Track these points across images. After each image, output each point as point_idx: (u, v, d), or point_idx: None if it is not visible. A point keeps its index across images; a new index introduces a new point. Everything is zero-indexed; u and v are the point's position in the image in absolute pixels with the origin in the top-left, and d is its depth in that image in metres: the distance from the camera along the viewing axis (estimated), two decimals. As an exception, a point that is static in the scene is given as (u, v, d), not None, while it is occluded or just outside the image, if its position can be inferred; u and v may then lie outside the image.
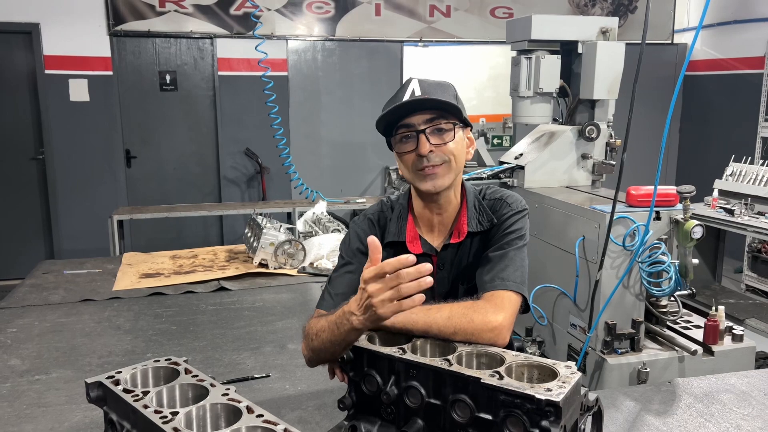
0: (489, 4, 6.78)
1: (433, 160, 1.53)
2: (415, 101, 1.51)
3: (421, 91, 1.52)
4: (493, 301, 1.44)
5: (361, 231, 1.65)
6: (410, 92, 1.52)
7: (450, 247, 1.61)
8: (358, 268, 1.52)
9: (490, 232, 1.61)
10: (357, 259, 1.60)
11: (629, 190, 2.88)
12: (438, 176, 1.54)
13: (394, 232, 1.64)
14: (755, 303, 4.42)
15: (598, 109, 3.57)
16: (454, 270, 1.62)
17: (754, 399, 1.80)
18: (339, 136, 6.64)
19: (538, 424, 1.13)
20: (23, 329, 2.39)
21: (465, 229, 1.61)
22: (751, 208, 4.41)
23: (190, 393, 1.21)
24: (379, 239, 1.44)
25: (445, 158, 1.54)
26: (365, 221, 1.68)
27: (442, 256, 1.62)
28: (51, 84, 5.87)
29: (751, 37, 6.21)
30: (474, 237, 1.62)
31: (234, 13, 6.17)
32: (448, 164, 1.55)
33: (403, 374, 1.30)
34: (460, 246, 1.62)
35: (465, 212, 1.63)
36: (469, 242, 1.62)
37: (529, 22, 3.43)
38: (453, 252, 1.62)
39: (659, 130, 5.51)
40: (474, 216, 1.62)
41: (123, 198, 6.14)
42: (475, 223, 1.61)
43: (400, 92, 1.55)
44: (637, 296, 2.84)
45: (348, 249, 1.64)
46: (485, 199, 1.65)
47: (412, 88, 1.53)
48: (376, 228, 1.67)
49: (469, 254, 1.62)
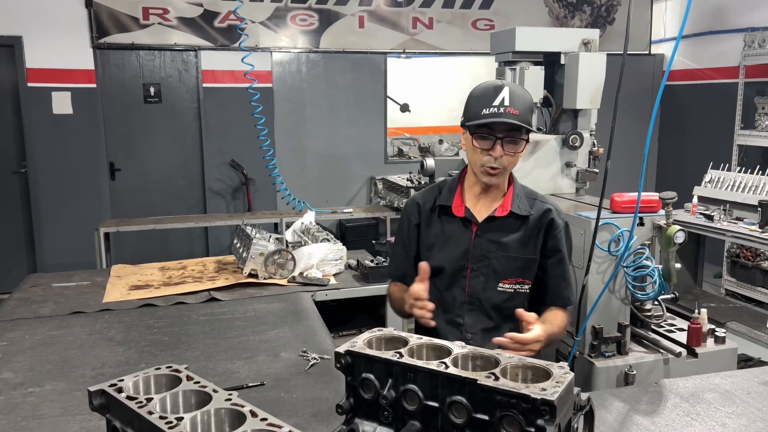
0: (471, 16, 6.88)
1: (500, 164, 1.87)
2: (506, 114, 1.81)
3: (509, 102, 1.82)
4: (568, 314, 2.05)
5: (409, 213, 2.10)
6: (500, 99, 1.82)
7: (493, 219, 1.96)
8: (407, 244, 2.09)
9: (538, 228, 1.97)
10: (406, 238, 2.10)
11: (613, 197, 2.94)
12: (497, 176, 1.91)
13: (444, 198, 2.02)
14: (735, 306, 4.53)
15: (581, 119, 3.64)
16: (491, 240, 1.96)
17: (738, 398, 1.86)
18: (324, 147, 6.67)
19: (534, 422, 1.16)
20: (14, 342, 2.38)
21: (509, 208, 1.96)
22: (730, 214, 4.53)
23: (193, 399, 1.23)
24: (430, 206, 2.05)
25: (508, 164, 1.89)
26: (413, 205, 2.10)
27: (482, 226, 1.96)
28: (34, 97, 5.83)
29: (725, 48, 6.37)
30: (516, 219, 1.96)
31: (218, 26, 6.19)
32: (506, 169, 1.91)
33: (401, 378, 1.33)
34: (502, 222, 1.96)
35: (511, 195, 1.98)
36: (510, 222, 1.96)
37: (513, 34, 3.50)
38: (494, 225, 1.96)
39: (638, 138, 5.66)
40: (517, 200, 1.97)
41: (107, 211, 6.10)
42: (517, 206, 1.96)
43: (491, 94, 1.84)
44: (622, 300, 2.90)
45: (399, 230, 2.15)
46: (531, 195, 2.03)
47: (503, 96, 1.83)
48: (420, 207, 2.07)
49: (507, 229, 1.96)
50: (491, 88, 1.86)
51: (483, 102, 1.84)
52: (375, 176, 6.64)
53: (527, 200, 2.00)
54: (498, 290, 1.98)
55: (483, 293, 1.98)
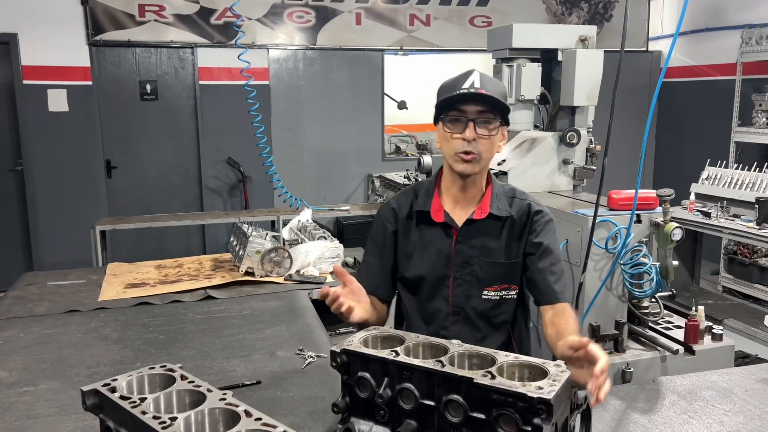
0: (468, 13, 6.87)
1: (474, 148, 1.76)
2: (476, 94, 1.72)
3: (480, 84, 1.73)
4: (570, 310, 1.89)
5: (381, 221, 1.98)
6: (470, 82, 1.74)
7: (472, 223, 1.85)
8: (383, 253, 1.98)
9: (521, 227, 1.87)
10: (382, 246, 1.98)
11: (610, 194, 2.94)
12: (472, 164, 1.79)
13: (421, 203, 1.90)
14: (732, 303, 4.53)
15: (578, 116, 3.64)
16: (473, 245, 1.86)
17: (735, 395, 1.85)
18: (321, 144, 6.66)
19: (530, 421, 1.16)
20: (9, 341, 2.36)
21: (487, 210, 1.85)
22: (727, 211, 4.52)
23: (187, 399, 1.22)
24: (407, 212, 1.93)
25: (482, 150, 1.77)
26: (389, 211, 1.97)
27: (462, 230, 1.86)
28: (29, 94, 5.81)
29: (723, 45, 6.37)
30: (496, 221, 1.86)
31: (215, 23, 6.17)
32: (481, 156, 1.79)
33: (397, 376, 1.32)
34: (482, 225, 1.85)
35: (489, 195, 1.88)
36: (490, 224, 1.86)
37: (510, 31, 3.50)
38: (474, 229, 1.86)
39: (635, 136, 5.67)
40: (496, 201, 1.87)
41: (104, 209, 6.08)
42: (496, 207, 1.85)
43: (461, 79, 1.76)
44: (619, 298, 2.90)
45: (372, 239, 2.03)
46: (509, 194, 1.91)
47: (472, 79, 1.74)
48: (396, 213, 1.95)
49: (488, 233, 1.86)
50: (461, 74, 1.79)
51: (453, 86, 1.77)
52: (372, 174, 6.63)
53: (506, 199, 1.89)
54: (483, 298, 1.88)
55: (467, 302, 1.88)
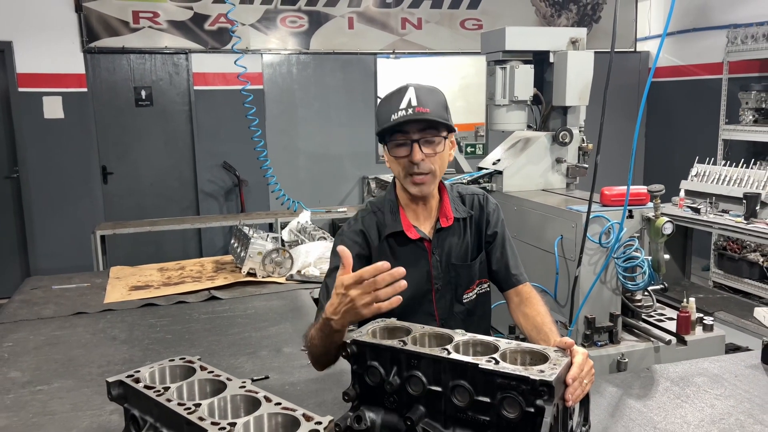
0: (459, 16, 6.95)
1: (422, 168, 1.73)
2: (414, 116, 1.67)
3: (416, 101, 1.69)
4: (533, 290, 1.87)
5: (350, 240, 1.81)
6: (407, 101, 1.69)
7: (441, 231, 1.84)
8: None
9: (478, 221, 1.88)
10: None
11: (603, 191, 3.03)
12: (425, 184, 1.76)
13: (391, 225, 1.83)
14: (723, 297, 4.63)
15: (570, 115, 3.72)
16: (445, 253, 1.85)
17: (726, 381, 1.92)
18: (316, 147, 6.72)
19: (533, 403, 1.23)
20: (19, 343, 2.41)
21: (451, 215, 1.85)
22: (716, 207, 4.63)
23: (208, 387, 1.28)
24: (377, 236, 1.82)
25: (433, 167, 1.74)
26: (356, 233, 1.83)
27: (434, 242, 1.84)
28: (25, 102, 5.83)
29: (709, 44, 6.48)
30: (458, 223, 1.86)
31: (208, 29, 6.22)
32: (434, 173, 1.76)
33: (405, 364, 1.38)
34: (449, 231, 1.85)
35: (447, 202, 1.87)
36: (455, 228, 1.86)
37: (503, 33, 3.57)
38: (443, 236, 1.84)
39: (625, 134, 5.75)
40: (454, 204, 1.87)
41: (100, 215, 6.11)
42: (455, 210, 1.86)
43: (396, 96, 1.72)
44: (613, 291, 2.98)
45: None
46: (458, 194, 1.92)
47: (408, 96, 1.70)
48: (367, 236, 1.83)
49: (456, 238, 1.86)
50: (396, 92, 1.73)
51: (390, 108, 1.70)
52: (367, 176, 6.69)
53: (458, 199, 1.89)
54: (464, 301, 1.88)
55: (451, 310, 1.88)
